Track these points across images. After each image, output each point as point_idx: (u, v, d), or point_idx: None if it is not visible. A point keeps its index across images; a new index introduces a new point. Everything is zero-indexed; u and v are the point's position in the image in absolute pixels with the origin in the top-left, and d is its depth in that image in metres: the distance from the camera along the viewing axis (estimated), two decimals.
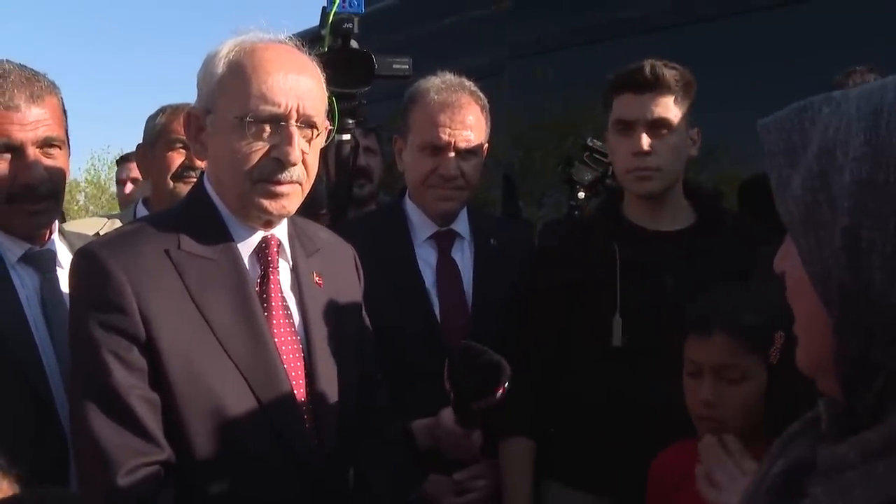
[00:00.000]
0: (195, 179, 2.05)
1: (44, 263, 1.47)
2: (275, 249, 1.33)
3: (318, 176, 1.38)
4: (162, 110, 2.16)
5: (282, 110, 1.24)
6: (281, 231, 1.35)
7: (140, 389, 1.17)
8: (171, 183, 2.08)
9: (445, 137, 1.75)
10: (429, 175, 1.78)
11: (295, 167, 1.26)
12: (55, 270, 1.49)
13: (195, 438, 1.19)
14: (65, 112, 1.52)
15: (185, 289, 1.21)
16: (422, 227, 1.83)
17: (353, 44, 2.07)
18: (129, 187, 3.60)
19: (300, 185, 1.29)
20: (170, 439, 1.19)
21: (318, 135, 1.31)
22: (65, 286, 1.49)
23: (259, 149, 1.24)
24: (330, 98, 1.44)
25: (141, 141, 2.20)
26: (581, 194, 2.29)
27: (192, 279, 1.22)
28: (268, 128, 1.24)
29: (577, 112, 2.69)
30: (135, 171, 3.17)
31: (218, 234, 1.28)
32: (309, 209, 1.56)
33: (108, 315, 1.16)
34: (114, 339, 1.16)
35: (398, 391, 1.57)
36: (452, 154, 1.76)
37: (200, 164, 2.06)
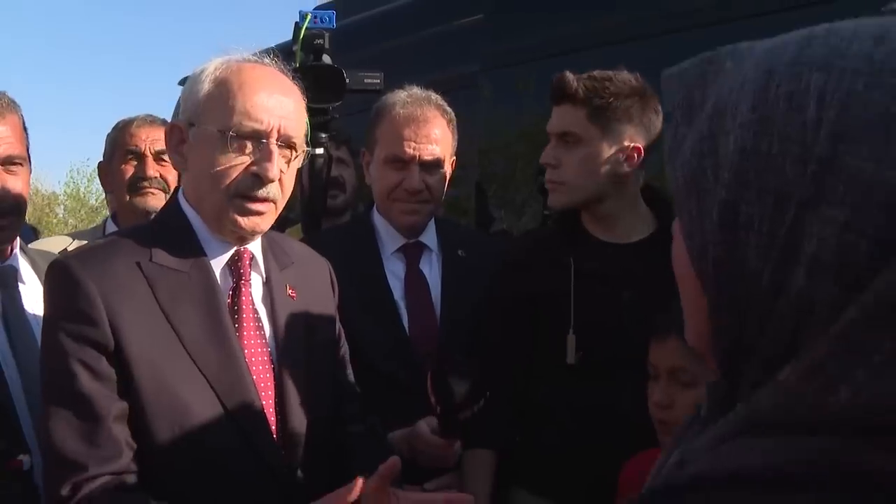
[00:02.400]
0: (150, 190, 2.09)
1: (4, 279, 1.49)
2: (247, 262, 1.34)
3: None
4: (115, 126, 2.18)
5: (263, 127, 1.26)
6: (254, 245, 1.37)
7: (108, 398, 1.18)
8: (128, 196, 2.10)
9: (410, 151, 1.77)
10: (394, 188, 1.79)
11: (272, 184, 1.28)
12: (17, 286, 1.50)
13: (162, 448, 1.19)
14: (25, 130, 1.54)
15: (155, 300, 1.22)
16: (389, 239, 1.85)
17: (325, 59, 2.09)
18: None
19: (274, 203, 1.31)
20: (137, 449, 1.20)
21: (295, 157, 1.33)
22: (27, 302, 1.50)
23: (239, 164, 1.26)
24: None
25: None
26: None
27: (163, 291, 1.23)
28: (249, 144, 1.26)
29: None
30: None
31: (190, 247, 1.30)
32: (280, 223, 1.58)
33: (78, 326, 1.17)
34: (83, 349, 1.17)
35: (368, 402, 1.57)
36: (417, 168, 1.78)
37: (153, 173, 2.09)
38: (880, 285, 0.44)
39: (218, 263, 1.32)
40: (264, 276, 1.37)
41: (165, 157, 2.11)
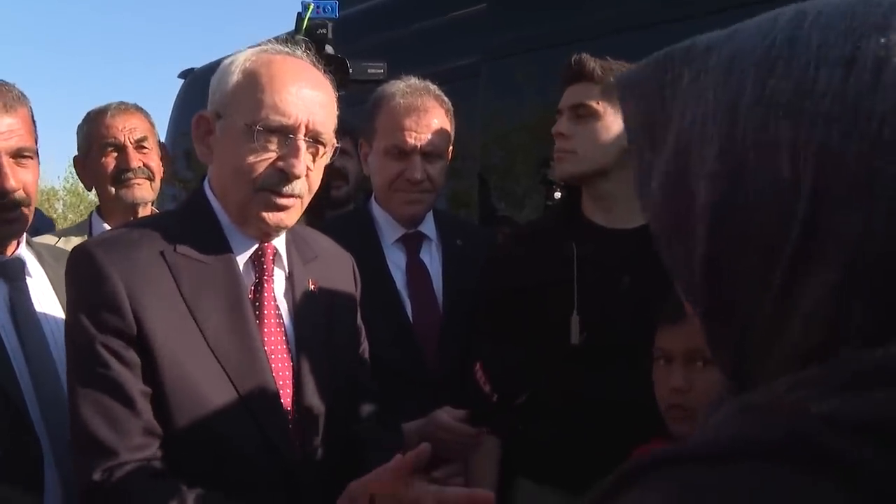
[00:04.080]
0: (135, 181, 2.05)
1: (12, 272, 1.50)
2: (270, 258, 1.34)
3: None
4: (86, 118, 2.13)
5: (291, 122, 1.24)
6: (278, 239, 1.36)
7: (137, 386, 1.18)
8: (113, 189, 2.06)
9: (411, 141, 1.77)
10: (395, 179, 1.79)
11: (298, 180, 1.27)
12: (24, 279, 1.51)
13: (179, 438, 1.20)
14: (34, 122, 1.55)
15: (178, 291, 1.22)
16: (389, 229, 1.85)
17: (328, 49, 2.09)
18: None
19: (300, 199, 1.30)
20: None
21: (323, 153, 1.32)
22: (34, 294, 1.52)
23: (265, 158, 1.25)
24: None
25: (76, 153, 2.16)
26: (557, 194, 2.31)
27: (186, 282, 1.23)
28: (276, 139, 1.25)
29: (554, 114, 2.70)
30: None
31: (215, 240, 1.29)
32: None
33: (103, 314, 1.17)
34: (109, 338, 1.17)
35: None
36: (418, 157, 1.78)
37: (136, 164, 2.05)
38: (891, 349, 0.41)
39: (242, 257, 1.31)
40: (287, 270, 1.37)
41: (146, 144, 2.10)
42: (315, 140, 1.29)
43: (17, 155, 1.46)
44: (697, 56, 0.50)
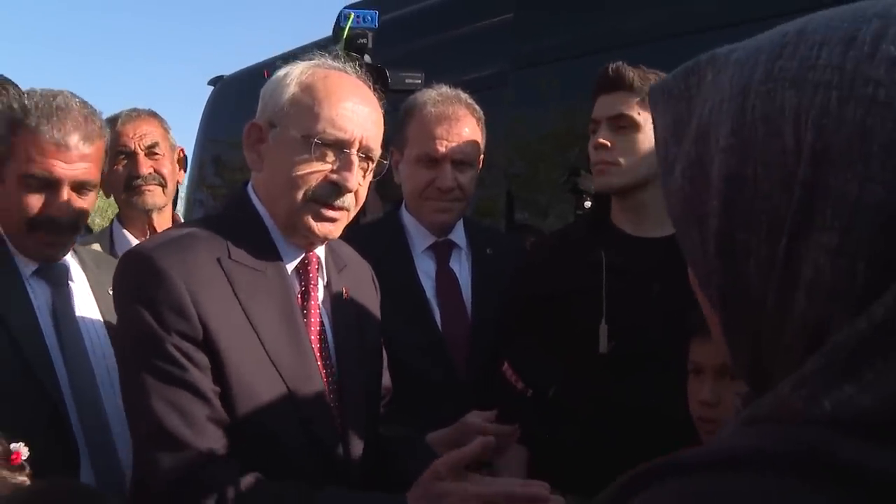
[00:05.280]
0: (146, 188, 2.05)
1: (57, 277, 1.53)
2: (315, 267, 1.37)
3: None
4: None
5: (347, 136, 1.28)
6: (320, 249, 1.39)
7: (210, 387, 1.20)
8: (125, 195, 2.07)
9: (442, 149, 1.78)
10: (426, 187, 1.80)
11: (349, 194, 1.30)
12: (68, 284, 1.54)
13: (238, 441, 1.21)
14: (106, 153, 1.57)
15: (235, 297, 1.24)
16: (419, 238, 1.86)
17: (366, 59, 2.11)
18: None
19: (348, 212, 1.33)
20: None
21: (371, 168, 1.35)
22: (77, 299, 1.55)
23: (319, 170, 1.27)
24: None
25: None
26: (588, 203, 2.31)
27: (242, 289, 1.25)
28: (331, 152, 1.28)
29: (582, 122, 2.71)
30: None
31: (266, 247, 1.31)
32: None
33: (171, 315, 1.18)
34: (178, 340, 1.18)
35: (403, 401, 1.59)
36: (449, 166, 1.79)
37: (147, 170, 2.04)
38: (877, 310, 0.43)
39: (290, 265, 1.34)
40: (325, 279, 1.40)
41: (157, 150, 2.09)
42: (366, 155, 1.32)
43: (80, 188, 1.49)
44: (720, 58, 0.54)
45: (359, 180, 1.31)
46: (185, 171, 2.29)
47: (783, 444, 0.42)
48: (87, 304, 1.57)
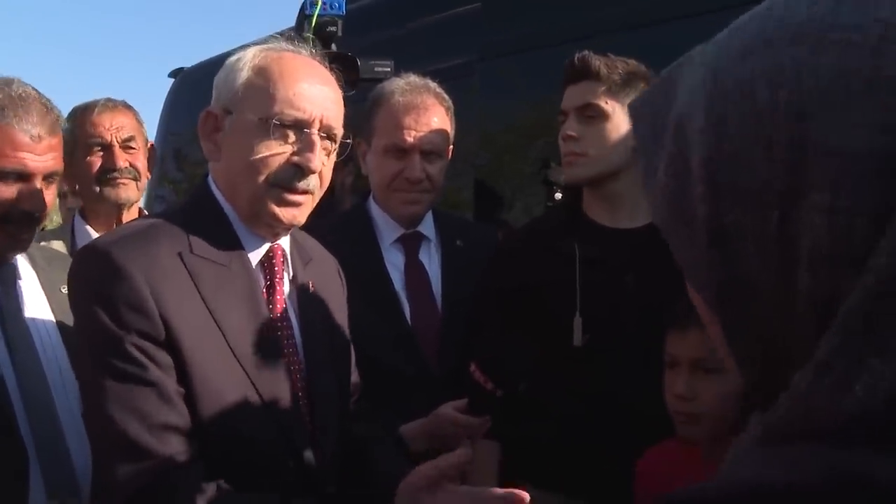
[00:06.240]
0: (121, 181, 2.01)
1: (5, 277, 1.46)
2: (280, 260, 1.33)
3: None
4: (71, 115, 2.06)
5: (307, 116, 1.24)
6: (284, 241, 1.35)
7: (174, 386, 1.15)
8: (97, 188, 2.02)
9: (410, 140, 1.75)
10: (394, 178, 1.77)
11: (312, 176, 1.25)
12: (16, 284, 1.48)
13: (204, 442, 1.17)
14: (68, 143, 1.53)
15: (198, 294, 1.20)
16: (388, 230, 1.82)
17: (333, 47, 2.07)
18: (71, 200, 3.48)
19: (312, 195, 1.28)
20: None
21: (334, 148, 1.31)
22: (27, 298, 1.48)
23: (280, 153, 1.23)
24: None
25: None
26: (558, 195, 2.30)
27: (206, 285, 1.21)
28: (291, 133, 1.24)
29: (550, 114, 2.69)
30: None
31: (229, 240, 1.27)
32: None
33: (129, 314, 1.13)
34: (139, 339, 1.13)
35: (374, 396, 1.56)
36: (418, 156, 1.76)
37: (123, 164, 2.01)
38: (880, 260, 0.39)
39: (254, 257, 1.29)
40: (291, 273, 1.36)
41: (133, 144, 2.05)
42: (328, 135, 1.28)
43: (48, 177, 1.44)
44: (696, 52, 0.52)
45: (322, 160, 1.27)
46: (154, 166, 2.24)
47: (813, 475, 0.38)
48: (37, 303, 1.50)
